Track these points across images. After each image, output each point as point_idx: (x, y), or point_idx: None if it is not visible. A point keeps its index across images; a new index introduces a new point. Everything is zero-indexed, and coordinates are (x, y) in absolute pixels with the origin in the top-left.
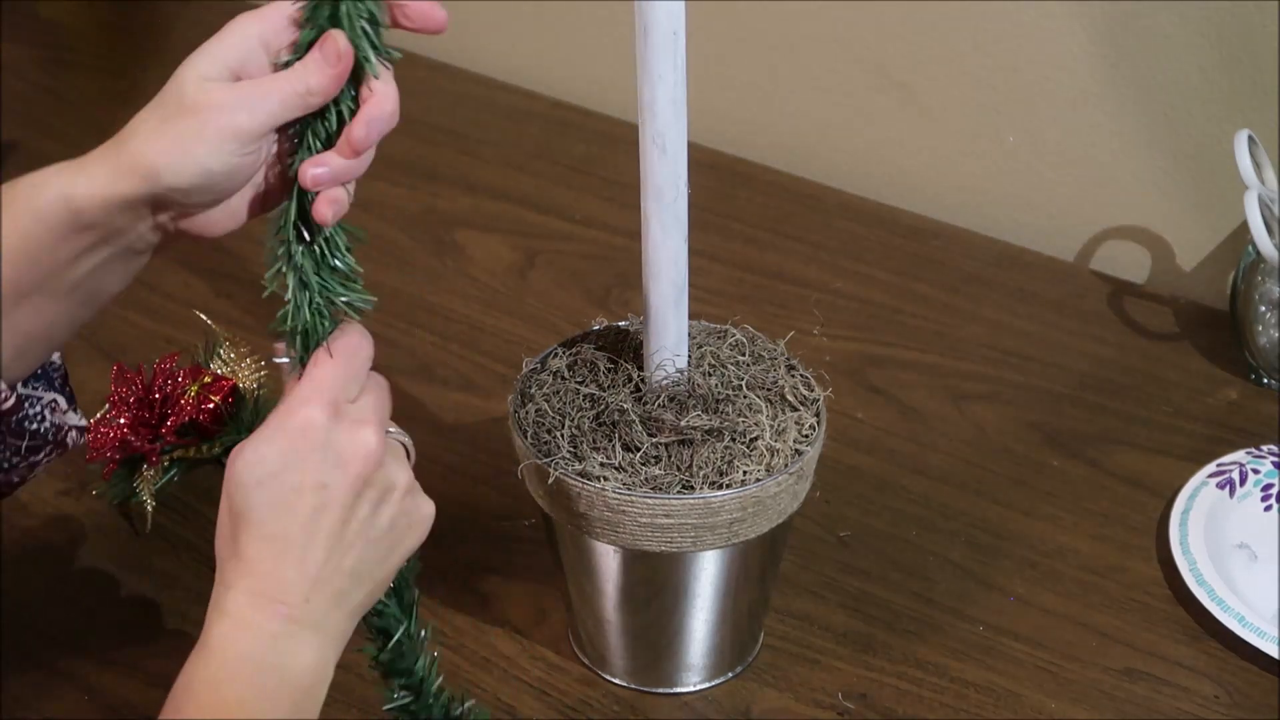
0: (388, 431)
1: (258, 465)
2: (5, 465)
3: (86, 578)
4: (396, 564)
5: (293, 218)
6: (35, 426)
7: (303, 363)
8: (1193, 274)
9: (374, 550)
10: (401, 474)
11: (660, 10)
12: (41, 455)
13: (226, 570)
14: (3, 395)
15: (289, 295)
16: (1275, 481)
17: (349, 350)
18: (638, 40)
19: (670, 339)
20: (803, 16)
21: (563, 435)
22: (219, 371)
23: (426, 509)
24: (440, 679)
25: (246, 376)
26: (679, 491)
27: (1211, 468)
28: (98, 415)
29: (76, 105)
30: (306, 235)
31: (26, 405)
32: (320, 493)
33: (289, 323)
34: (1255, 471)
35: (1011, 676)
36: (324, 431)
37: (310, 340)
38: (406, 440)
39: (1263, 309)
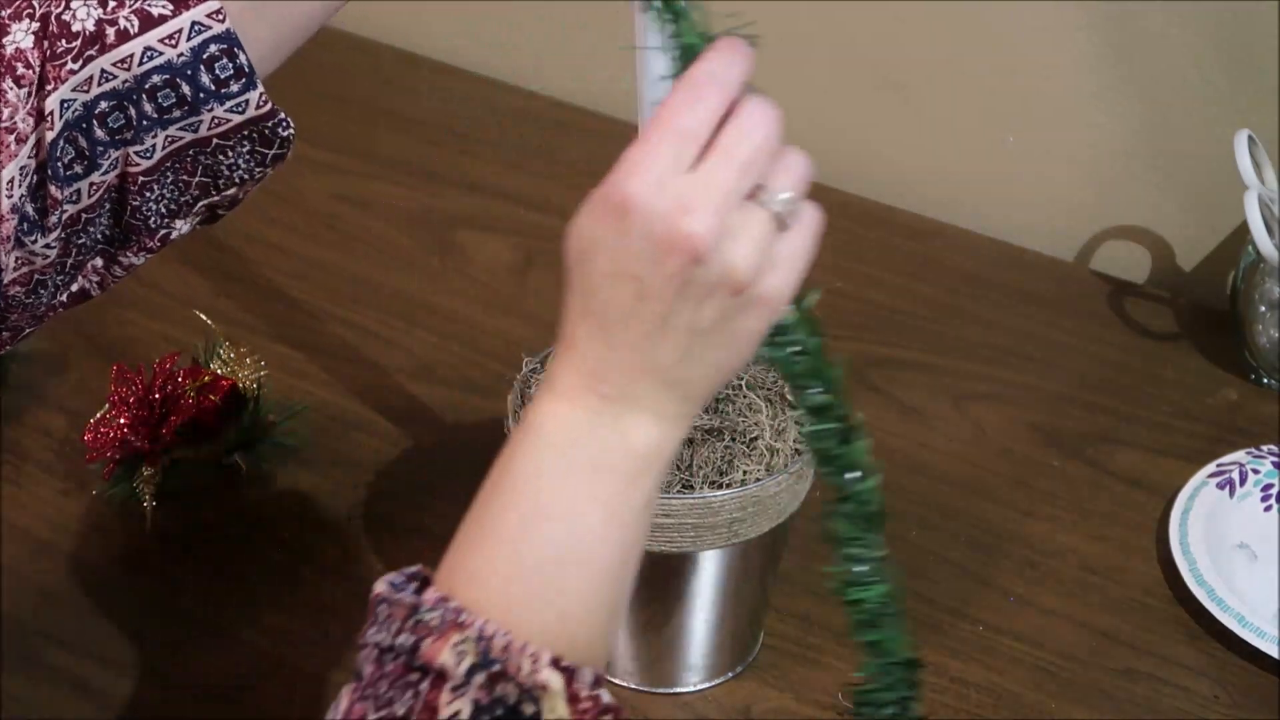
0: (762, 202)
1: (576, 241)
2: (243, 177)
3: (86, 578)
4: (742, 352)
5: None
6: (285, 134)
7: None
8: (1193, 274)
9: (704, 341)
10: (742, 261)
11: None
12: (269, 165)
13: (560, 350)
14: (260, 98)
15: None
16: (1275, 481)
17: (696, 86)
18: (637, 41)
19: None
20: (802, 17)
21: None
22: (219, 371)
23: (754, 313)
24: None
25: (246, 376)
26: (679, 491)
27: (1211, 468)
28: (98, 415)
29: None
30: None
31: (278, 112)
32: (636, 284)
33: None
34: (1255, 471)
35: (1011, 676)
36: (643, 215)
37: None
38: (785, 207)
39: (1263, 309)
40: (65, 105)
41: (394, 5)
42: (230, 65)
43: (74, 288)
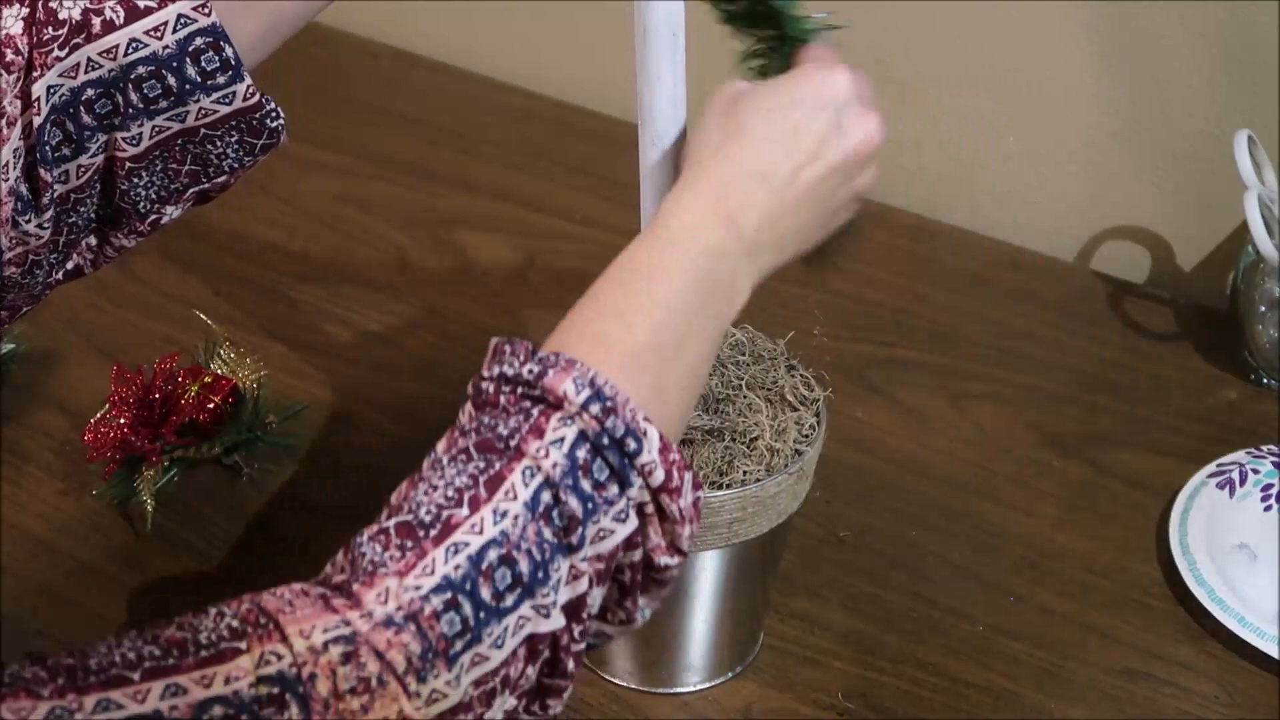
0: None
1: (772, 95)
2: (233, 166)
3: (86, 578)
4: (827, 233)
5: None
6: (274, 124)
7: None
8: (1193, 274)
9: (822, 218)
10: (871, 171)
11: (660, 12)
12: (259, 154)
13: (695, 172)
14: (248, 90)
15: None
16: (1275, 481)
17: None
18: (637, 42)
19: None
20: None
21: None
22: (219, 371)
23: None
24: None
25: (246, 376)
26: None
27: (1211, 468)
28: (98, 415)
29: None
30: None
31: (267, 103)
32: (817, 147)
33: None
34: (1255, 471)
35: (1011, 676)
36: (845, 96)
37: None
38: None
39: (1263, 309)
40: (52, 91)
41: (394, 5)
42: (216, 58)
43: (69, 265)
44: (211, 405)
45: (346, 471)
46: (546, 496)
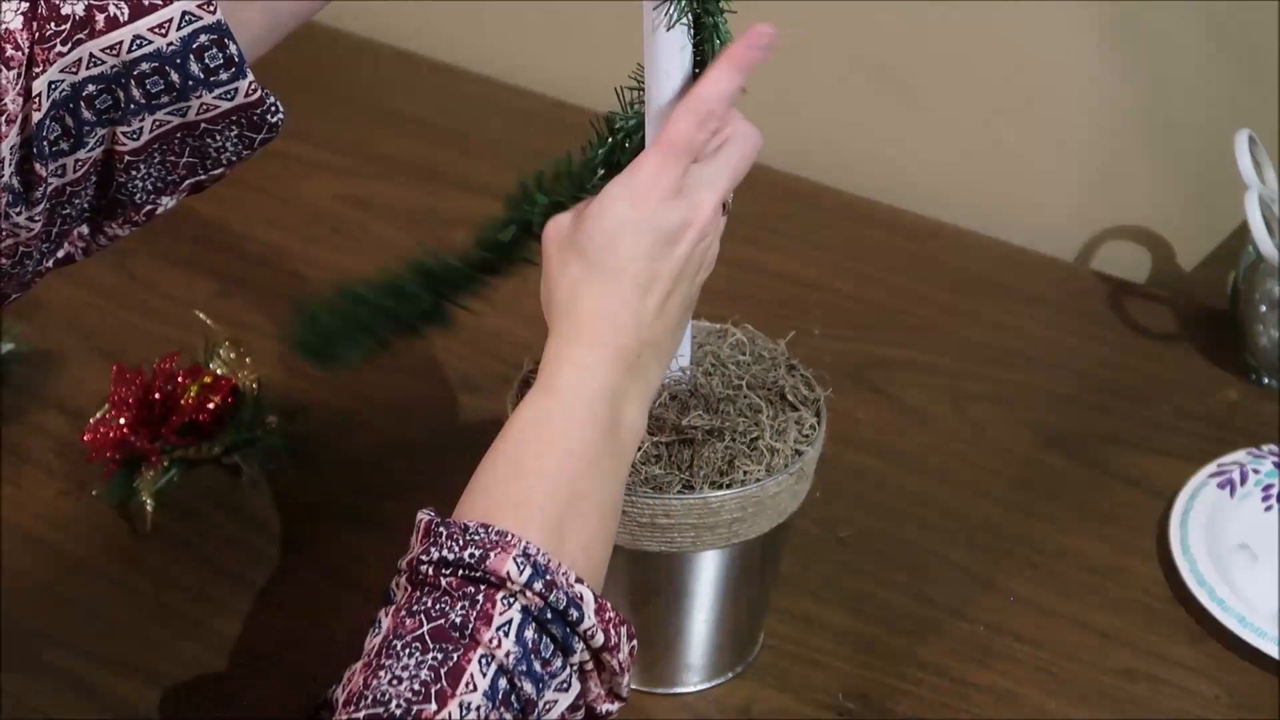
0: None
1: (597, 233)
2: (231, 159)
3: (86, 578)
4: (689, 311)
5: None
6: (274, 119)
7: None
8: (1193, 274)
9: (685, 313)
10: (716, 244)
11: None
12: (257, 147)
13: (564, 325)
14: (249, 86)
15: None
16: (1275, 481)
17: (704, 89)
18: (645, 38)
19: None
20: (803, 16)
21: None
22: (219, 371)
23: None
24: None
25: (246, 376)
26: (679, 491)
27: (1212, 468)
28: (98, 415)
29: None
30: None
31: (267, 98)
32: (652, 266)
33: None
34: (1255, 471)
35: (1011, 676)
36: (665, 204)
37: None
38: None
39: (1263, 309)
40: (53, 86)
41: (394, 5)
42: (220, 55)
43: (59, 254)
44: (211, 405)
45: (346, 471)
46: (503, 684)
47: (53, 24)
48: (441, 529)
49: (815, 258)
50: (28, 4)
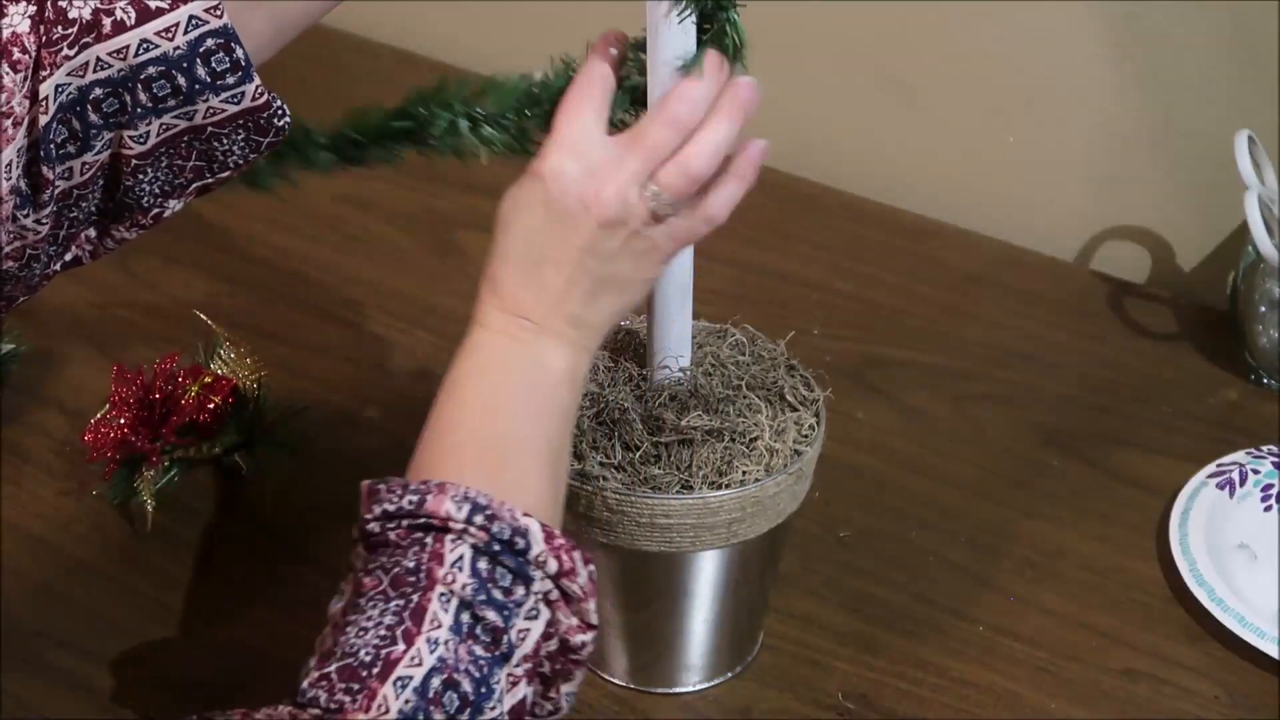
0: (646, 191)
1: (512, 202)
2: (238, 162)
3: (86, 578)
4: (636, 293)
5: None
6: (281, 123)
7: None
8: (1193, 274)
9: (604, 287)
10: (635, 231)
11: (668, 8)
12: (264, 151)
13: (483, 290)
14: (256, 90)
15: None
16: (1275, 482)
17: (677, 119)
18: (649, 36)
19: (673, 338)
20: (803, 17)
21: None
22: (219, 371)
23: (655, 267)
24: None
25: (246, 376)
26: (678, 491)
27: (1211, 468)
28: (98, 415)
29: None
30: None
31: (274, 101)
32: (554, 240)
33: None
34: (1255, 472)
35: (1011, 676)
36: (566, 181)
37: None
38: (655, 201)
39: (1263, 309)
40: (60, 90)
41: (394, 5)
42: (227, 59)
43: (67, 257)
44: (211, 405)
45: (346, 471)
46: (466, 617)
47: (60, 27)
48: (381, 486)
49: (815, 258)
50: (35, 7)
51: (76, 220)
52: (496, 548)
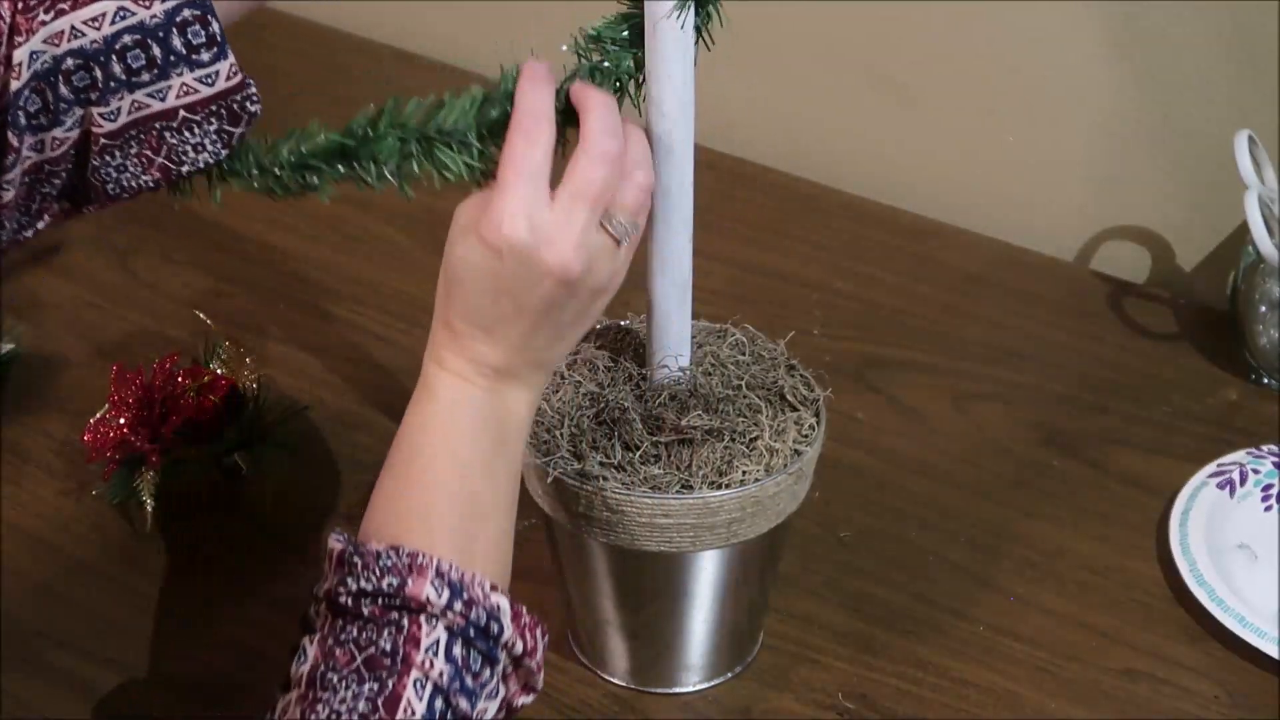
0: (603, 224)
1: (458, 265)
2: (208, 160)
3: (86, 578)
4: (588, 327)
5: None
6: (254, 109)
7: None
8: (1193, 274)
9: (566, 329)
10: (600, 275)
11: (670, 9)
12: (235, 143)
13: (440, 333)
14: (231, 69)
15: None
16: (1275, 482)
17: (526, 129)
18: (647, 39)
19: (673, 338)
20: (803, 17)
21: (562, 434)
22: (219, 371)
23: (602, 301)
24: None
25: (246, 376)
26: (678, 491)
27: (1211, 468)
28: (98, 415)
29: None
30: None
31: (249, 85)
32: (513, 300)
33: None
34: (1255, 472)
35: (1011, 676)
36: (518, 252)
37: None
38: (623, 231)
39: (1263, 309)
40: (34, 57)
41: (394, 5)
42: (203, 32)
43: (39, 225)
44: (211, 405)
45: (346, 471)
46: (439, 704)
47: None
48: (356, 558)
49: (815, 258)
50: None
51: (48, 195)
52: (472, 633)
